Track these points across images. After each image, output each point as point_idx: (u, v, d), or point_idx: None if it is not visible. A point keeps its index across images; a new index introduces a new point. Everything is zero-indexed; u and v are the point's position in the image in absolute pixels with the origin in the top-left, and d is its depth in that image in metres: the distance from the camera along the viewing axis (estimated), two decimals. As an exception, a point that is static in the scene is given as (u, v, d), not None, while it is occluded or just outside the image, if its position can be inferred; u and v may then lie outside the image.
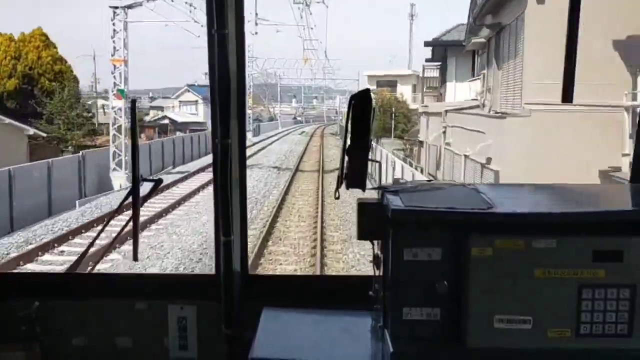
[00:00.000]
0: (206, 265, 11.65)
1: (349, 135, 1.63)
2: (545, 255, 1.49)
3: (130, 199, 2.15)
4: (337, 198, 1.76)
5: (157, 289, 2.33)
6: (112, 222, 2.49)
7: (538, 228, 1.51)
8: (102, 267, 11.18)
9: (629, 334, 1.50)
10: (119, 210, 2.32)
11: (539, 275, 1.49)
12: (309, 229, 14.82)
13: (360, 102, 1.62)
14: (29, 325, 2.23)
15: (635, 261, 1.48)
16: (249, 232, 2.67)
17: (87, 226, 14.41)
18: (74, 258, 2.85)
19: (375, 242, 1.72)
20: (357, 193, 1.72)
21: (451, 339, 1.55)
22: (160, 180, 2.23)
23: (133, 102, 2.38)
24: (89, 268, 2.68)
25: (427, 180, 1.88)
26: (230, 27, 2.02)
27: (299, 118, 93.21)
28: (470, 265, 1.50)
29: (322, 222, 15.01)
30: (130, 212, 2.15)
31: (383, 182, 1.79)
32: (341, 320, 1.97)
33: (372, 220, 1.66)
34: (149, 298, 2.28)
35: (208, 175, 19.18)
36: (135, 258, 2.36)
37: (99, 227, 13.98)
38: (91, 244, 2.45)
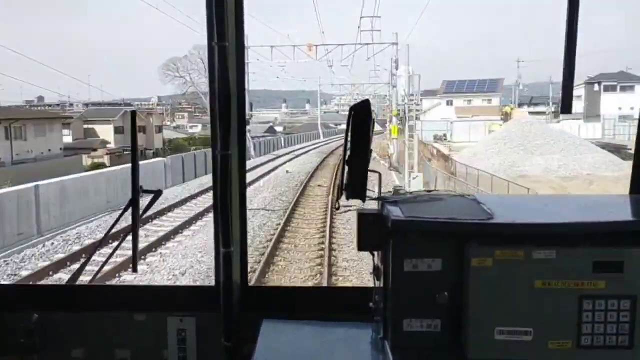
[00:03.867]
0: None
1: (348, 146, 1.64)
2: (545, 266, 1.48)
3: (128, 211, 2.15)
4: (337, 209, 1.76)
5: (156, 301, 2.33)
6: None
7: (538, 239, 1.51)
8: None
9: (630, 345, 1.49)
10: (118, 222, 2.32)
11: (539, 286, 1.49)
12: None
13: (360, 113, 1.62)
14: (28, 337, 2.22)
15: (636, 272, 1.47)
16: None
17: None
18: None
19: (376, 253, 1.72)
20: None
21: (452, 351, 1.54)
22: (159, 192, 2.23)
23: (133, 113, 2.39)
24: (88, 280, 2.67)
25: (427, 191, 1.88)
26: (231, 40, 2.03)
27: (278, 131, 69.65)
28: (470, 276, 1.50)
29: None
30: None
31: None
32: (341, 332, 1.96)
33: (372, 231, 1.65)
34: (148, 310, 2.27)
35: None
36: (134, 269, 2.35)
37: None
38: (90, 256, 2.45)
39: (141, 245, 13.13)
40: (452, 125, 51.36)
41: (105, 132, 47.01)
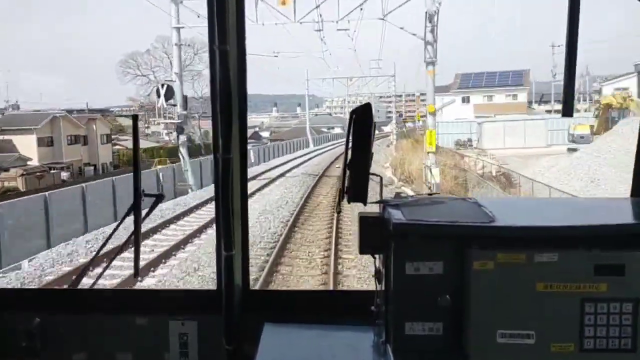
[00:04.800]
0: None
1: (349, 149, 1.64)
2: (547, 269, 1.48)
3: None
4: (339, 212, 1.76)
5: (157, 304, 2.33)
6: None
7: (540, 242, 1.51)
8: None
9: (633, 348, 1.49)
10: (119, 226, 2.32)
11: (540, 289, 1.49)
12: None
13: (361, 117, 1.63)
14: (30, 340, 2.22)
15: (637, 275, 1.47)
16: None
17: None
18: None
19: (377, 256, 1.72)
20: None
21: (454, 354, 1.54)
22: (161, 196, 2.23)
23: (135, 117, 2.40)
24: (90, 283, 2.68)
25: (429, 194, 1.88)
26: (232, 43, 2.04)
27: (264, 136, 59.31)
28: (472, 279, 1.49)
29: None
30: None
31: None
32: (343, 336, 1.96)
33: (373, 234, 1.65)
34: (149, 313, 2.27)
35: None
36: (136, 274, 2.35)
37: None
38: (92, 259, 2.46)
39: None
40: (480, 127, 39.81)
41: (27, 144, 34.70)
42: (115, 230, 2.43)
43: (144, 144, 45.09)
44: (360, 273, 11.52)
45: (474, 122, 41.99)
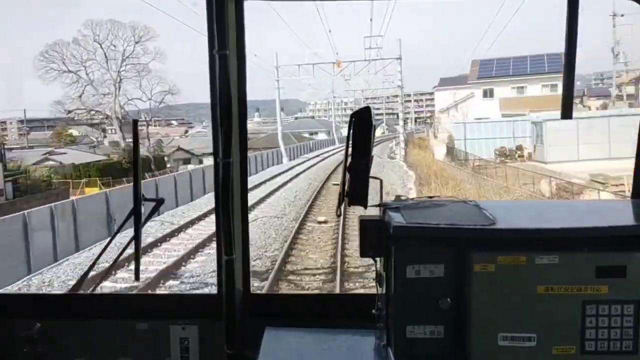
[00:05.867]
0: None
1: (349, 153, 1.64)
2: (548, 272, 1.48)
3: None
4: (339, 215, 1.76)
5: (158, 309, 2.33)
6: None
7: (540, 244, 1.50)
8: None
9: (635, 350, 1.48)
10: (120, 231, 2.32)
11: (542, 292, 1.49)
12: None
13: (360, 120, 1.63)
14: (31, 346, 2.22)
15: (639, 277, 1.47)
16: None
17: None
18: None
19: (378, 259, 1.72)
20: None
21: (455, 357, 1.54)
22: (161, 200, 2.23)
23: (135, 122, 2.41)
24: (91, 289, 2.67)
25: (429, 197, 1.88)
26: (231, 48, 2.04)
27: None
28: (472, 281, 1.49)
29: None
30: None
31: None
32: (344, 339, 1.95)
33: (374, 238, 1.65)
34: (150, 318, 2.27)
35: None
36: (137, 278, 2.35)
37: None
38: (93, 265, 2.45)
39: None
40: (540, 128, 26.81)
41: None
42: (114, 235, 2.43)
43: (87, 157, 37.78)
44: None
45: (525, 120, 30.14)
